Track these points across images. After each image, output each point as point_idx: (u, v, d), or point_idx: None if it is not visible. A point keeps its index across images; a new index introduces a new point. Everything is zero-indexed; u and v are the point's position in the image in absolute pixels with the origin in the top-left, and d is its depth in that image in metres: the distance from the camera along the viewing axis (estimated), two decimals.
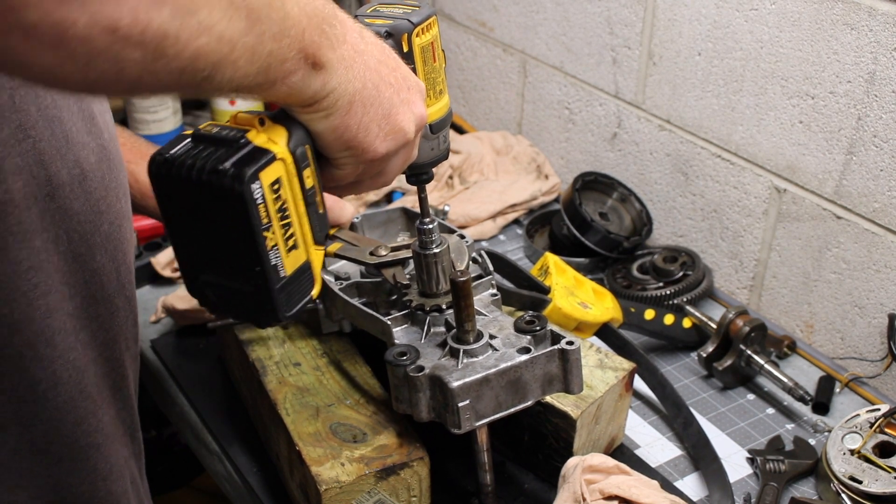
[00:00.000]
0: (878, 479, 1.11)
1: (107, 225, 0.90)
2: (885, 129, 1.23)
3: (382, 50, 0.83)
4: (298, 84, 0.73)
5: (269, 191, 0.77)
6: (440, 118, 0.97)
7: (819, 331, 1.41)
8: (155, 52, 0.60)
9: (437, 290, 1.05)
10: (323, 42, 0.73)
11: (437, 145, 0.99)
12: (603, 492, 1.04)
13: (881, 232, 1.28)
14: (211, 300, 0.85)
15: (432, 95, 0.95)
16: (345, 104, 0.78)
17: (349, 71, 0.77)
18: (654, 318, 1.38)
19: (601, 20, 1.61)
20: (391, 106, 0.82)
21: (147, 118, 1.84)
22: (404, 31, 0.91)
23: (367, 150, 0.82)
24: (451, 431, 0.97)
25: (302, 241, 0.83)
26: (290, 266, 0.81)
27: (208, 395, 1.30)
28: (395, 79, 0.83)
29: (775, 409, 1.31)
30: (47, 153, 0.82)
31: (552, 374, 0.99)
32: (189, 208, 0.79)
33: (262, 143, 0.78)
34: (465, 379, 0.95)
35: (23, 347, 0.83)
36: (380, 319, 1.05)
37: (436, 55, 0.95)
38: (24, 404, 0.85)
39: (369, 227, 1.24)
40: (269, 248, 0.78)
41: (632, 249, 1.57)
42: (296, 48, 0.70)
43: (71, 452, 0.90)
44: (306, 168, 0.81)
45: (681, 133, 1.54)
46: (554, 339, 1.01)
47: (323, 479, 0.99)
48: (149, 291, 1.51)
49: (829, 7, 1.26)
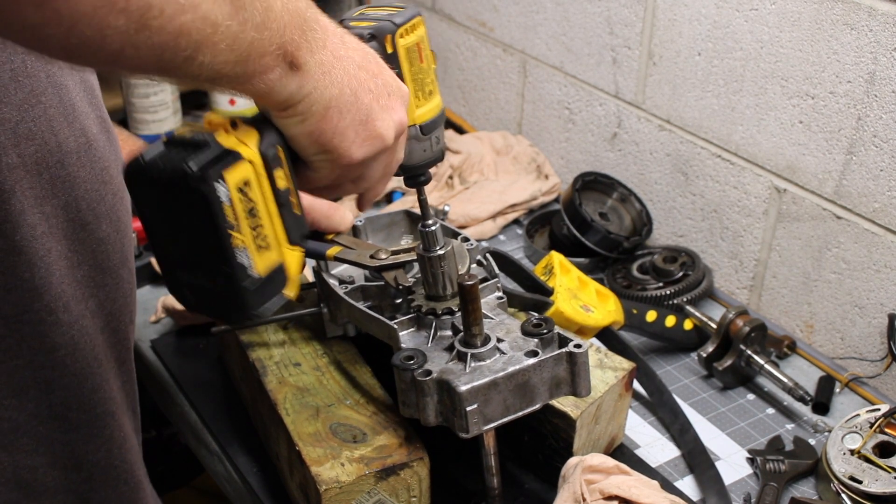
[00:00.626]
0: (878, 479, 1.11)
1: (110, 196, 0.91)
2: (885, 129, 1.23)
3: (364, 55, 0.84)
4: (275, 83, 0.74)
5: (236, 191, 0.78)
6: (431, 119, 0.97)
7: (819, 331, 1.41)
8: (138, 22, 0.61)
9: (444, 294, 1.05)
10: (302, 44, 0.74)
11: (429, 146, 0.99)
12: (603, 492, 1.04)
13: (881, 232, 1.28)
14: (189, 299, 0.87)
15: (421, 97, 0.95)
16: (320, 109, 0.79)
17: (326, 76, 0.78)
18: (656, 319, 1.38)
19: (601, 20, 1.61)
20: (370, 112, 0.83)
21: (147, 118, 1.84)
22: (387, 33, 0.91)
23: (344, 155, 0.83)
24: (458, 436, 0.97)
25: (275, 242, 0.84)
26: (262, 266, 0.82)
27: (208, 395, 1.30)
28: (375, 85, 0.83)
29: (775, 409, 1.31)
30: (56, 120, 0.84)
31: (560, 378, 0.99)
32: (161, 209, 0.81)
33: (230, 145, 0.79)
34: (473, 383, 0.95)
35: (43, 313, 0.85)
36: (386, 323, 1.05)
37: (422, 56, 0.95)
38: (43, 370, 0.87)
39: (372, 231, 1.24)
40: (236, 247, 0.79)
41: (632, 249, 1.57)
42: (276, 42, 0.71)
43: (89, 419, 0.92)
44: (278, 169, 0.82)
45: (681, 133, 1.54)
46: (561, 341, 1.01)
47: (323, 479, 0.99)
48: (149, 291, 1.51)
49: (829, 7, 1.26)
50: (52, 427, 0.90)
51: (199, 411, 1.28)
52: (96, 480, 0.95)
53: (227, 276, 0.80)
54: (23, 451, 0.89)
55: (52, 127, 0.83)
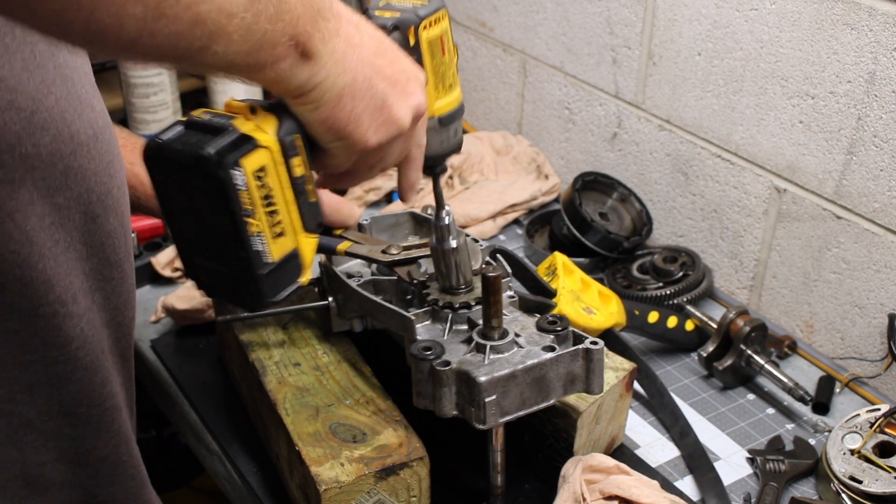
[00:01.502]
0: (878, 479, 1.11)
1: (116, 189, 0.92)
2: (885, 129, 1.23)
3: (380, 42, 0.84)
4: (286, 72, 0.74)
5: (253, 178, 0.78)
6: (450, 111, 0.97)
7: (819, 331, 1.41)
8: (156, 10, 0.62)
9: (459, 286, 1.05)
10: (314, 33, 0.74)
11: (447, 138, 0.99)
12: (603, 492, 1.04)
13: (881, 232, 1.28)
14: (205, 282, 0.87)
15: (441, 89, 0.96)
16: (333, 97, 0.79)
17: (339, 64, 0.78)
18: (658, 320, 1.38)
19: (601, 20, 1.61)
20: (385, 97, 0.83)
21: (147, 118, 1.84)
22: (411, 24, 0.91)
23: (359, 141, 0.83)
24: (474, 427, 0.97)
25: (290, 229, 0.84)
26: (277, 252, 0.83)
27: (208, 395, 1.30)
28: (392, 71, 0.83)
29: (775, 409, 1.31)
30: (68, 111, 0.84)
31: (575, 374, 1.00)
32: (180, 192, 0.81)
33: (248, 131, 0.79)
34: (493, 374, 0.95)
35: (56, 304, 0.85)
36: (403, 314, 1.05)
37: (445, 48, 0.95)
38: (56, 365, 0.87)
39: (377, 231, 1.24)
40: (252, 233, 0.80)
41: (632, 249, 1.57)
42: (288, 34, 0.72)
43: (97, 414, 0.93)
44: (295, 157, 0.82)
45: (681, 133, 1.54)
46: (576, 339, 1.02)
47: (322, 479, 0.99)
48: (149, 291, 1.51)
49: (829, 7, 1.26)
50: (62, 423, 0.90)
51: (199, 411, 1.28)
52: (103, 476, 0.96)
53: (243, 261, 0.81)
54: (31, 446, 0.89)
55: (64, 118, 0.83)
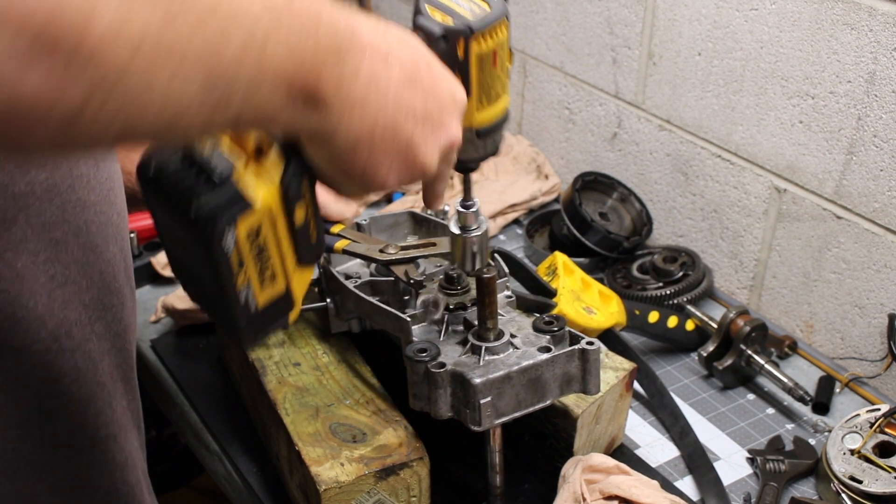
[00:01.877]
0: (878, 479, 1.11)
1: (115, 215, 0.91)
2: (885, 129, 1.23)
3: (415, 69, 0.72)
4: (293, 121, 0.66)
5: (246, 239, 0.73)
6: (491, 124, 0.87)
7: (819, 331, 1.41)
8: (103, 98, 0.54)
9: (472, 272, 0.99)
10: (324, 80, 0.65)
11: (482, 147, 0.90)
12: (603, 492, 1.04)
13: (881, 232, 1.28)
14: (193, 295, 0.85)
15: (485, 101, 0.86)
16: (348, 144, 0.70)
17: (355, 110, 0.68)
18: (658, 320, 1.38)
19: (601, 20, 1.61)
20: (411, 139, 0.72)
21: None
22: (461, 36, 0.80)
23: (375, 183, 0.74)
24: (470, 429, 0.97)
25: (282, 271, 0.78)
26: (265, 298, 0.78)
27: (208, 395, 1.30)
28: (424, 105, 0.72)
29: (775, 409, 1.31)
30: None
31: (571, 374, 1.00)
32: (171, 221, 0.77)
33: (245, 187, 0.72)
34: (487, 376, 0.95)
35: (49, 341, 0.85)
36: (398, 316, 1.05)
37: (497, 61, 0.84)
38: (49, 399, 0.87)
39: (376, 231, 1.24)
40: (239, 288, 0.75)
41: (632, 249, 1.57)
42: (282, 90, 0.63)
43: (91, 444, 0.92)
44: (299, 202, 0.75)
45: (681, 133, 1.54)
46: (572, 339, 1.02)
47: (322, 479, 0.99)
48: (149, 291, 1.51)
49: (829, 7, 1.25)
50: (56, 454, 0.89)
51: (199, 411, 1.28)
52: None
53: (227, 308, 0.76)
54: (25, 478, 0.89)
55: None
